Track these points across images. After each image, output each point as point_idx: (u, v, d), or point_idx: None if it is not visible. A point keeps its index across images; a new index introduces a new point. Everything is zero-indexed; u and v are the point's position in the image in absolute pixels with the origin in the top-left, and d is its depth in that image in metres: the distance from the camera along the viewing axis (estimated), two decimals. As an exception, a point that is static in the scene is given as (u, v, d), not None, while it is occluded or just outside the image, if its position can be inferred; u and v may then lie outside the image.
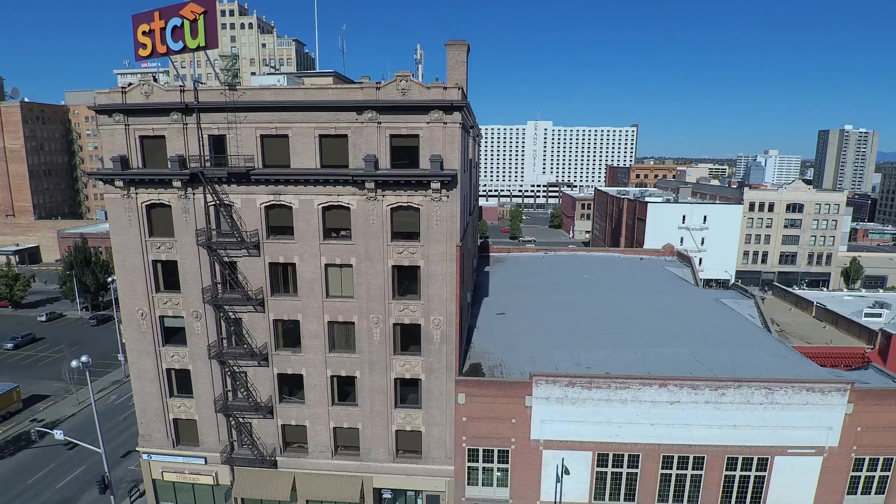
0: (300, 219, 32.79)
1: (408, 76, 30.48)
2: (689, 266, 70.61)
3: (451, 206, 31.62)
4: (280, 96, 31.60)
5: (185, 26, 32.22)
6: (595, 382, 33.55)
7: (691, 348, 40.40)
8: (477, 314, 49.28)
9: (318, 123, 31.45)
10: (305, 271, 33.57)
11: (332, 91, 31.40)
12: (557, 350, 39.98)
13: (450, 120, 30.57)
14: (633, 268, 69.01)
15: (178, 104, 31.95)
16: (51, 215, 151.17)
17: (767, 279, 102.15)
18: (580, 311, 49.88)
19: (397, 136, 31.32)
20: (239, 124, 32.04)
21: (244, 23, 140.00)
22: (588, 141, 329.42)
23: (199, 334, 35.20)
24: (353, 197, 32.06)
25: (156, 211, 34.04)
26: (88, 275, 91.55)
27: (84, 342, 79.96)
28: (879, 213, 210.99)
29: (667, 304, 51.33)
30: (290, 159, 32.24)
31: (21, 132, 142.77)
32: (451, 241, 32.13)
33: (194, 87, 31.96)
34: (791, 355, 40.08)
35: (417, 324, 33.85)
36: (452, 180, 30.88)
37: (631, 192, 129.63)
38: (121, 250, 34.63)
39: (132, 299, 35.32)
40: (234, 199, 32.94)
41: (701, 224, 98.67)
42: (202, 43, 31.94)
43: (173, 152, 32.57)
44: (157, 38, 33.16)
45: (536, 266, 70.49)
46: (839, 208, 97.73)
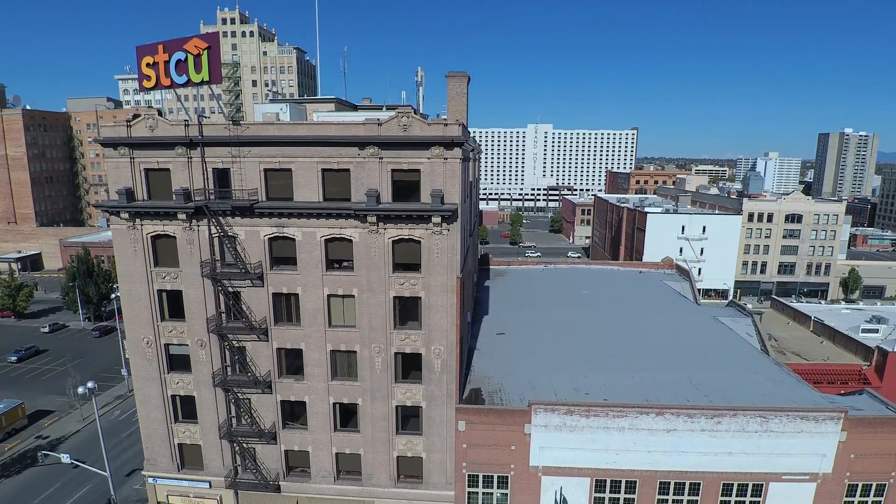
0: (303, 250, 33.36)
1: (409, 112, 31.04)
2: (687, 280, 71.12)
3: (452, 239, 32.18)
4: (283, 131, 32.15)
5: (189, 61, 32.86)
6: (593, 411, 34.09)
7: (688, 373, 40.95)
8: (477, 334, 49.83)
9: (320, 158, 32.01)
10: (308, 301, 34.15)
11: (334, 127, 31.94)
12: (557, 374, 40.53)
13: (450, 155, 31.13)
14: (632, 282, 69.54)
15: (183, 138, 32.50)
16: (53, 222, 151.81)
17: (766, 289, 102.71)
18: (579, 330, 50.46)
19: (399, 171, 31.88)
20: (243, 158, 32.59)
21: (245, 31, 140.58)
22: (588, 144, 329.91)
23: (204, 362, 35.78)
24: (355, 230, 32.62)
25: (161, 241, 34.60)
26: (91, 286, 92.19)
27: (87, 355, 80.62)
28: (879, 218, 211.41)
29: (665, 324, 51.86)
30: (294, 192, 32.81)
31: (23, 140, 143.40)
32: (451, 272, 32.69)
33: (198, 122, 32.52)
34: (787, 380, 40.61)
35: (418, 353, 34.42)
36: (453, 215, 31.44)
37: (630, 200, 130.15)
38: (126, 279, 35.19)
39: (137, 327, 35.89)
40: (239, 231, 33.51)
41: (700, 234, 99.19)
42: (206, 78, 32.56)
43: (178, 185, 33.13)
44: (162, 71, 33.81)
45: (536, 280, 71.03)
46: (838, 219, 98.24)
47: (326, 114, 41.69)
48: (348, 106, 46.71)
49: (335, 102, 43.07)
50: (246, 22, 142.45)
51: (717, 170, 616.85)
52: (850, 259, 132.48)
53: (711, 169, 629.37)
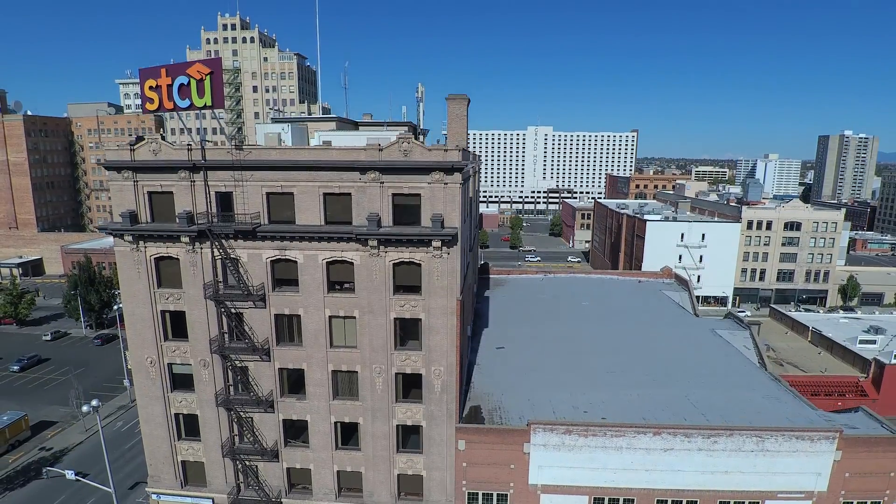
0: (305, 273, 33.78)
1: (409, 138, 31.45)
2: (686, 290, 71.53)
3: (452, 262, 32.60)
4: (285, 156, 32.54)
5: (192, 85, 33.17)
6: (591, 430, 34.53)
7: (686, 389, 41.38)
8: (477, 348, 50.26)
9: (322, 182, 32.41)
10: (310, 323, 34.56)
11: (335, 152, 32.36)
12: (556, 391, 40.96)
13: (450, 180, 31.54)
14: (631, 293, 69.94)
15: (186, 162, 32.88)
16: (54, 227, 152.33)
17: (765, 296, 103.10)
18: (579, 344, 50.87)
19: (399, 195, 32.29)
20: (245, 182, 32.98)
21: (246, 37, 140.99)
22: (588, 146, 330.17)
23: (207, 381, 36.20)
24: (356, 253, 33.04)
25: (164, 263, 35.00)
26: (93, 294, 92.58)
27: (89, 363, 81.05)
28: (879, 222, 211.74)
29: (663, 338, 52.27)
30: (296, 216, 33.21)
31: (24, 145, 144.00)
32: (451, 295, 33.11)
33: (201, 146, 32.89)
34: (784, 396, 41.03)
35: (419, 373, 34.84)
36: (453, 239, 31.85)
37: (630, 205, 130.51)
38: (130, 300, 35.60)
39: (141, 347, 36.30)
40: (241, 254, 33.93)
41: (699, 242, 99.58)
42: (209, 102, 32.87)
43: (181, 208, 33.53)
44: (164, 95, 34.12)
45: (536, 290, 71.44)
46: (836, 226, 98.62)
47: (328, 133, 42.13)
48: (349, 124, 47.11)
49: (336, 121, 43.50)
50: (247, 28, 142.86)
51: (717, 171, 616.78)
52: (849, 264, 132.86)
53: (711, 170, 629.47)
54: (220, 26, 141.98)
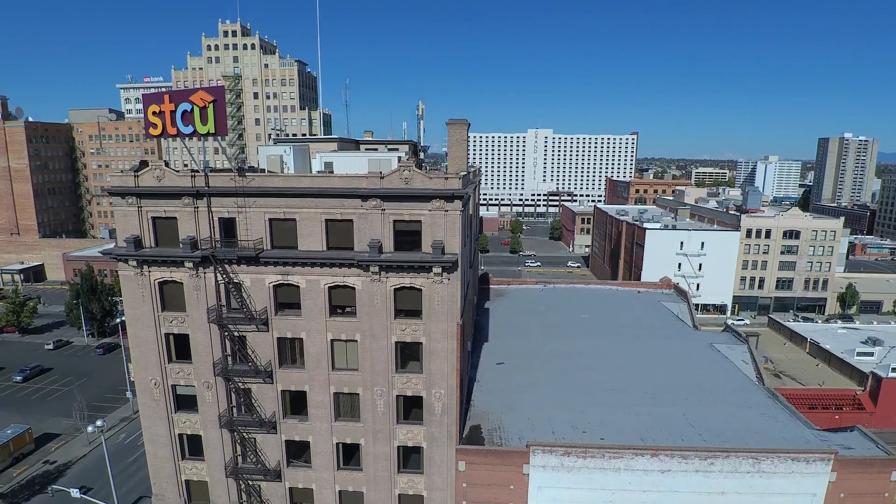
0: (307, 297, 34.23)
1: (410, 166, 31.89)
2: (685, 301, 71.97)
3: (452, 287, 33.05)
4: (288, 183, 32.98)
5: (196, 112, 33.58)
6: (590, 452, 34.96)
7: (683, 408, 41.81)
8: (477, 364, 50.68)
9: (324, 209, 32.86)
10: (312, 346, 35.02)
11: (337, 179, 32.81)
12: (555, 410, 41.38)
13: (451, 208, 31.98)
14: (630, 304, 70.33)
15: (190, 189, 33.31)
16: (55, 233, 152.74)
17: (764, 304, 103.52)
18: (578, 360, 51.29)
19: (400, 221, 32.73)
20: (248, 208, 33.43)
21: (247, 43, 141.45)
22: (588, 149, 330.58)
23: (210, 403, 36.66)
24: (357, 278, 33.49)
25: (168, 287, 35.46)
26: (94, 303, 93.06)
27: (91, 373, 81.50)
28: (878, 226, 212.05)
29: (661, 353, 52.71)
30: (298, 241, 33.66)
31: (25, 151, 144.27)
32: (451, 319, 33.56)
33: (205, 173, 33.33)
34: (780, 415, 41.45)
35: (419, 396, 35.30)
36: (453, 265, 32.29)
37: (629, 212, 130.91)
38: (134, 323, 36.07)
39: (145, 369, 36.77)
40: (244, 279, 34.38)
41: (699, 250, 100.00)
42: (212, 129, 33.29)
43: (185, 234, 33.98)
44: (168, 120, 34.50)
45: (536, 301, 71.89)
46: (835, 235, 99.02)
47: (329, 154, 42.58)
48: (351, 143, 47.57)
49: (338, 142, 43.96)
50: (247, 34, 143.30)
51: (717, 172, 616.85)
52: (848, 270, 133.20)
53: (711, 171, 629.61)
54: (220, 33, 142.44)
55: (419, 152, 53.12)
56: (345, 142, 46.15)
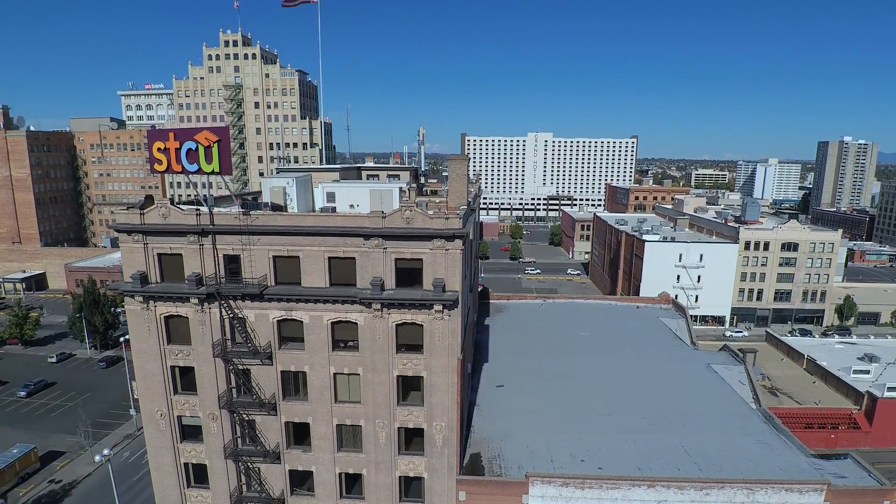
0: (311, 332, 34.87)
1: (412, 206, 32.54)
2: (683, 317, 72.62)
3: (453, 323, 33.69)
4: (291, 222, 33.61)
5: (200, 151, 34.20)
6: (587, 483, 35.63)
7: (680, 434, 42.48)
8: (477, 386, 51.33)
9: (327, 247, 33.49)
10: (315, 379, 35.67)
11: (340, 218, 33.45)
12: (554, 436, 42.06)
13: (451, 247, 32.62)
14: (629, 321, 70.95)
15: (195, 227, 33.92)
16: (57, 241, 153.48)
17: (762, 315, 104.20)
18: (576, 382, 51.96)
19: (402, 259, 33.36)
20: (253, 246, 34.06)
21: (248, 53, 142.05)
22: (588, 152, 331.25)
23: (216, 434, 37.30)
24: (360, 314, 34.13)
25: (174, 321, 36.08)
26: (97, 316, 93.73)
27: (95, 388, 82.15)
28: (878, 231, 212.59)
29: (659, 375, 53.36)
30: (302, 278, 34.30)
31: (27, 161, 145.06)
32: (452, 354, 34.21)
33: (209, 211, 33.94)
34: (775, 441, 42.10)
35: (421, 428, 35.94)
36: (454, 303, 32.93)
37: (629, 221, 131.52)
38: (140, 356, 36.71)
39: (151, 401, 37.40)
40: (248, 314, 35.02)
41: (697, 262, 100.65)
42: (216, 169, 33.91)
43: (190, 270, 34.60)
44: (173, 157, 35.10)
45: (535, 317, 72.53)
46: (833, 247, 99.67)
47: (331, 185, 43.23)
48: (353, 172, 48.28)
49: (340, 172, 44.65)
50: (248, 44, 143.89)
51: (717, 174, 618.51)
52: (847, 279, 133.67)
53: (711, 173, 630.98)
54: (221, 42, 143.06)
55: (419, 177, 53.79)
56: (347, 170, 46.80)
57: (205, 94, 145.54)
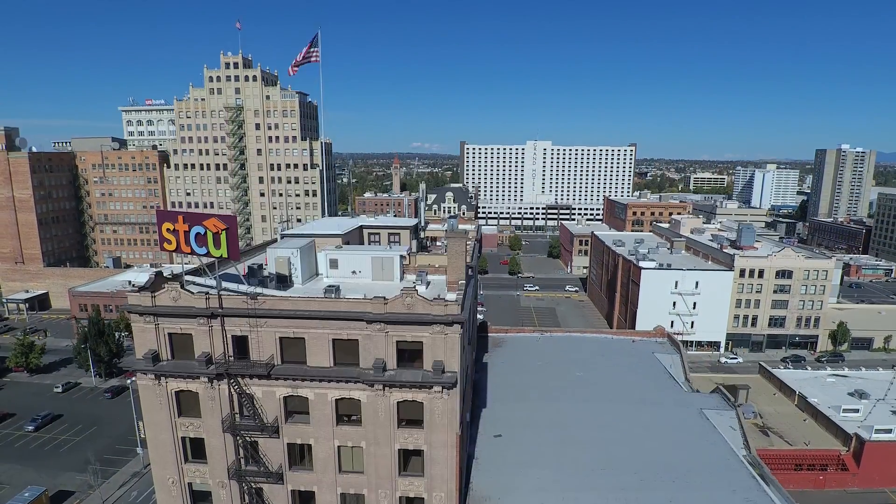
0: (316, 408, 36.41)
1: (413, 293, 34.05)
2: (677, 352, 74.15)
3: (452, 402, 35.22)
4: (297, 306, 35.12)
5: (209, 236, 35.70)
6: (582, 550, 37.15)
7: (671, 492, 44.03)
8: (475, 436, 52.76)
9: (331, 330, 35.03)
10: (320, 451, 37.21)
11: (343, 303, 34.96)
12: (549, 494, 43.58)
13: (450, 332, 34.15)
14: (624, 359, 72.36)
15: (204, 310, 35.43)
16: (59, 261, 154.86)
17: (757, 341, 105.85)
18: (572, 432, 53.42)
19: (403, 342, 34.90)
20: (260, 328, 35.57)
21: (248, 75, 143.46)
22: (587, 160, 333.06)
23: (225, 500, 38.83)
24: (363, 392, 35.67)
25: (184, 395, 37.61)
26: (102, 346, 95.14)
27: (101, 421, 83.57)
28: (874, 243, 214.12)
29: (652, 424, 54.84)
30: (307, 357, 35.83)
31: (29, 182, 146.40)
32: (451, 430, 35.75)
33: (218, 295, 35.43)
34: (762, 499, 43.64)
35: (421, 497, 37.48)
36: (453, 384, 34.45)
37: (626, 242, 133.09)
38: (152, 427, 38.25)
39: (163, 468, 38.95)
40: (256, 390, 36.56)
41: (693, 289, 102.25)
42: (224, 254, 35.44)
43: (200, 350, 36.13)
44: (182, 239, 36.62)
45: (532, 354, 73.95)
46: (827, 274, 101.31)
47: (333, 252, 44.73)
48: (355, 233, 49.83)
49: (341, 238, 46.20)
50: (249, 66, 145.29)
51: (716, 178, 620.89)
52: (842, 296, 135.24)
53: (710, 177, 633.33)
54: (222, 64, 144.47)
55: (419, 230, 55.37)
56: (349, 233, 48.31)
57: (206, 116, 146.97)
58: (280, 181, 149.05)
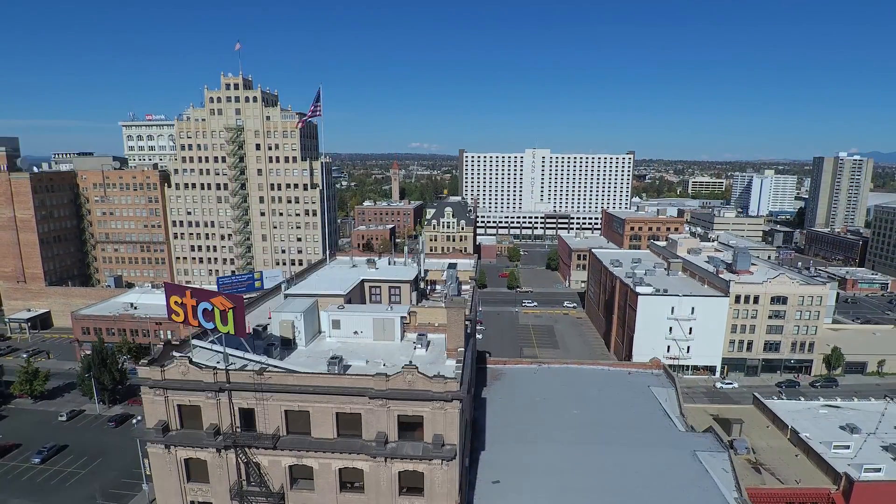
0: (320, 477, 37.72)
1: (414, 370, 35.37)
2: (672, 385, 75.54)
3: (451, 472, 36.54)
4: (302, 381, 36.42)
5: (216, 313, 36.96)
6: None
7: (665, 546, 45.37)
8: (474, 482, 53.93)
9: (335, 404, 36.33)
10: (324, 517, 38.48)
11: (347, 379, 36.28)
12: (546, 549, 44.96)
13: (450, 407, 35.47)
14: (620, 394, 73.64)
15: (213, 384, 36.73)
16: (61, 279, 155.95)
17: (752, 365, 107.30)
18: (568, 478, 54.72)
19: (404, 416, 36.22)
20: (266, 401, 36.86)
21: (249, 96, 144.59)
22: (586, 168, 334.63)
23: (231, 563, 40.08)
24: (365, 462, 36.98)
25: (193, 462, 38.92)
26: (105, 374, 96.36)
27: (107, 451, 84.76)
28: (871, 255, 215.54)
29: (646, 469, 56.17)
30: (311, 430, 37.13)
31: (31, 202, 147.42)
32: (450, 499, 37.06)
33: (226, 370, 36.73)
34: (754, 553, 45.02)
35: (422, 560, 38.76)
36: (451, 457, 35.76)
37: (623, 262, 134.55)
38: (162, 492, 39.56)
39: (171, 531, 40.20)
40: (262, 459, 37.87)
41: (689, 314, 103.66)
42: (231, 331, 36.69)
43: (208, 422, 37.43)
44: (190, 313, 37.92)
45: (530, 389, 75.20)
46: (821, 300, 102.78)
47: (336, 313, 46.02)
48: (356, 291, 51.15)
49: (343, 298, 47.52)
50: (249, 87, 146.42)
51: (714, 182, 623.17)
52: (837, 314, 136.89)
53: (708, 181, 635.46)
54: (223, 86, 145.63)
55: (419, 282, 56.72)
56: (351, 290, 49.63)
57: (206, 136, 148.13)
58: (280, 201, 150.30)
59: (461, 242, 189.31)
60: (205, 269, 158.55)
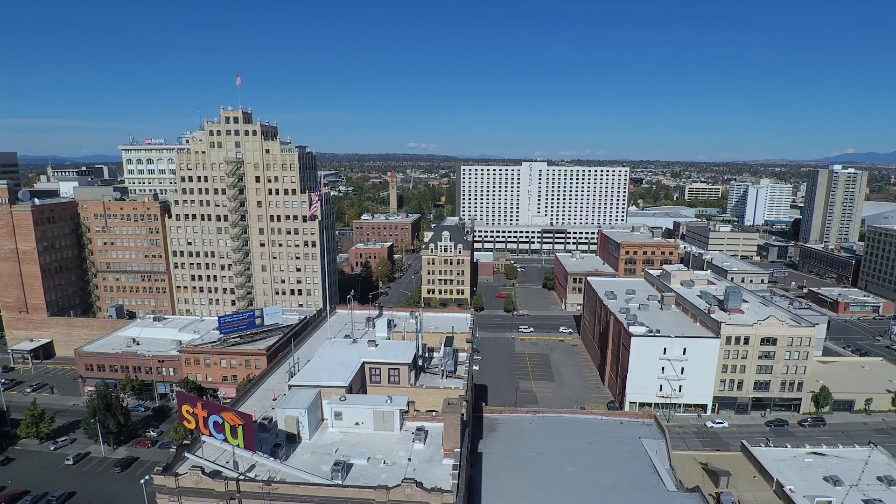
0: (324, 579, 39.90)
1: (412, 484, 37.61)
2: (663, 437, 77.98)
3: (448, 576, 38.79)
4: (308, 492, 38.66)
5: (227, 426, 39.24)
6: None
7: None
8: (471, 553, 56.42)
9: (338, 513, 38.52)
10: None
11: (350, 491, 38.52)
12: None
13: (446, 518, 37.72)
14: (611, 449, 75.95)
15: (223, 493, 38.96)
16: (63, 309, 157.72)
17: (742, 403, 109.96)
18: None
19: (403, 524, 38.44)
20: (273, 510, 39.06)
21: (248, 130, 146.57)
22: (582, 180, 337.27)
23: None
24: (367, 566, 39.19)
25: (203, 562, 41.06)
26: (110, 419, 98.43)
27: (114, 499, 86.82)
28: (863, 275, 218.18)
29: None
30: (316, 535, 39.32)
31: (33, 234, 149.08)
32: None
33: (237, 482, 38.95)
34: None
35: None
36: (448, 565, 38.06)
37: (617, 294, 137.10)
38: (174, 588, 41.70)
39: None
40: (269, 563, 40.02)
41: (681, 355, 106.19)
42: (241, 445, 38.98)
43: (219, 528, 39.61)
44: (201, 422, 40.20)
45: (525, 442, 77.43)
46: (810, 341, 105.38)
47: (339, 405, 48.24)
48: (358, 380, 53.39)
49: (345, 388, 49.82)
50: (249, 121, 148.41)
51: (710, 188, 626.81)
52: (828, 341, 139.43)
53: (704, 187, 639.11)
54: (222, 119, 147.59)
55: (418, 361, 58.99)
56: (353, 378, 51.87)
57: (206, 168, 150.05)
58: (280, 231, 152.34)
59: (458, 265, 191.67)
60: (205, 297, 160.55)
